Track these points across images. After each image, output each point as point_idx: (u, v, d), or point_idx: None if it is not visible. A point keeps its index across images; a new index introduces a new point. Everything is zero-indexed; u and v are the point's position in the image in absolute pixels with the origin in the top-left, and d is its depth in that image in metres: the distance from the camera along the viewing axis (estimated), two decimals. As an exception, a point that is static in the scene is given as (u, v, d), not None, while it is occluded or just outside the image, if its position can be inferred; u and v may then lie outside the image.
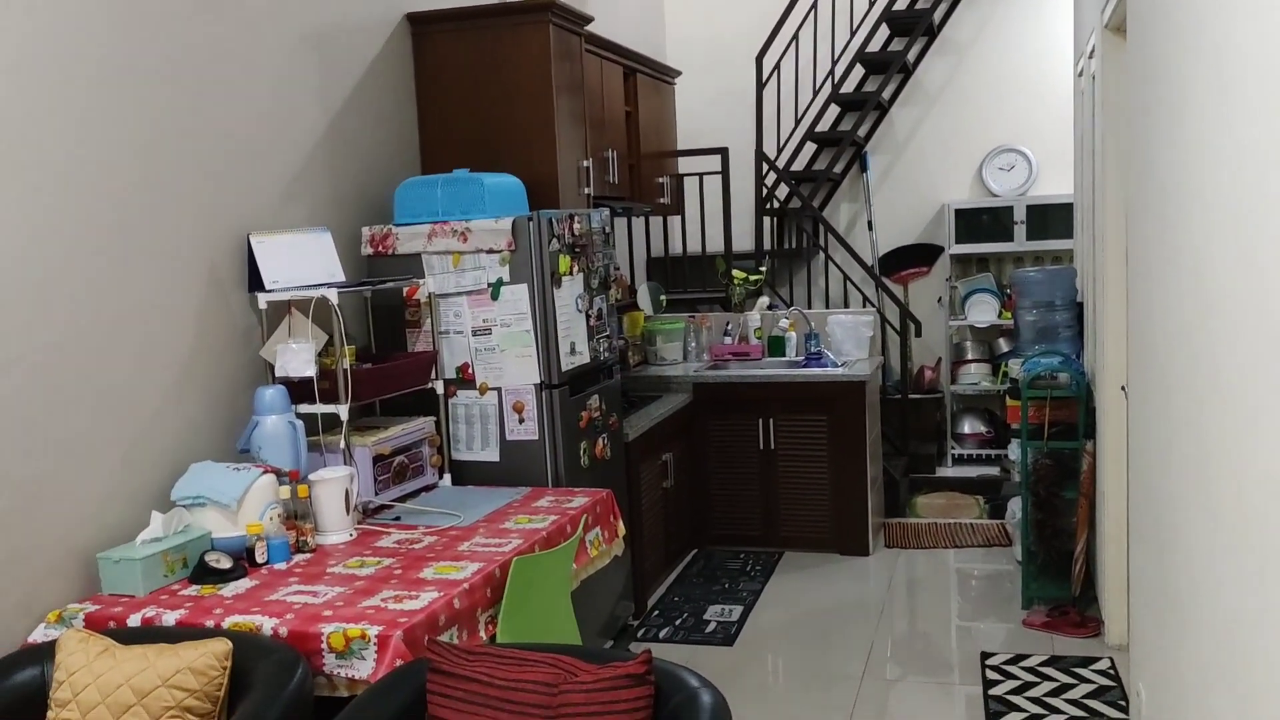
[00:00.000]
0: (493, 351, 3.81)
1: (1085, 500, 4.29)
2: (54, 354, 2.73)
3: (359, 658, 2.42)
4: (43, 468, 2.69)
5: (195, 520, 2.94)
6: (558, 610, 3.04)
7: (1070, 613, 4.31)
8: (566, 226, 3.91)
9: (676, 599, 4.89)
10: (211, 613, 2.58)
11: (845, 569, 5.19)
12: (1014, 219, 6.60)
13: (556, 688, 2.08)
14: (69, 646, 2.34)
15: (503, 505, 3.41)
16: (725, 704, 2.08)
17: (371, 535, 3.17)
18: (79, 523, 2.79)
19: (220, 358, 3.29)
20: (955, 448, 6.77)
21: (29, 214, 2.66)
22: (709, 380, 5.42)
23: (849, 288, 6.56)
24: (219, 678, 2.28)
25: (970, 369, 6.75)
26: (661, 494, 5.01)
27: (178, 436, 3.12)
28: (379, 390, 3.49)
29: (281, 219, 3.56)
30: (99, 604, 2.69)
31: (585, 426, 4.01)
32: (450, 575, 2.76)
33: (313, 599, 2.64)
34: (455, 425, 3.89)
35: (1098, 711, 3.58)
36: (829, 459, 5.32)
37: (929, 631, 4.39)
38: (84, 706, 2.24)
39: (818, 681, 3.98)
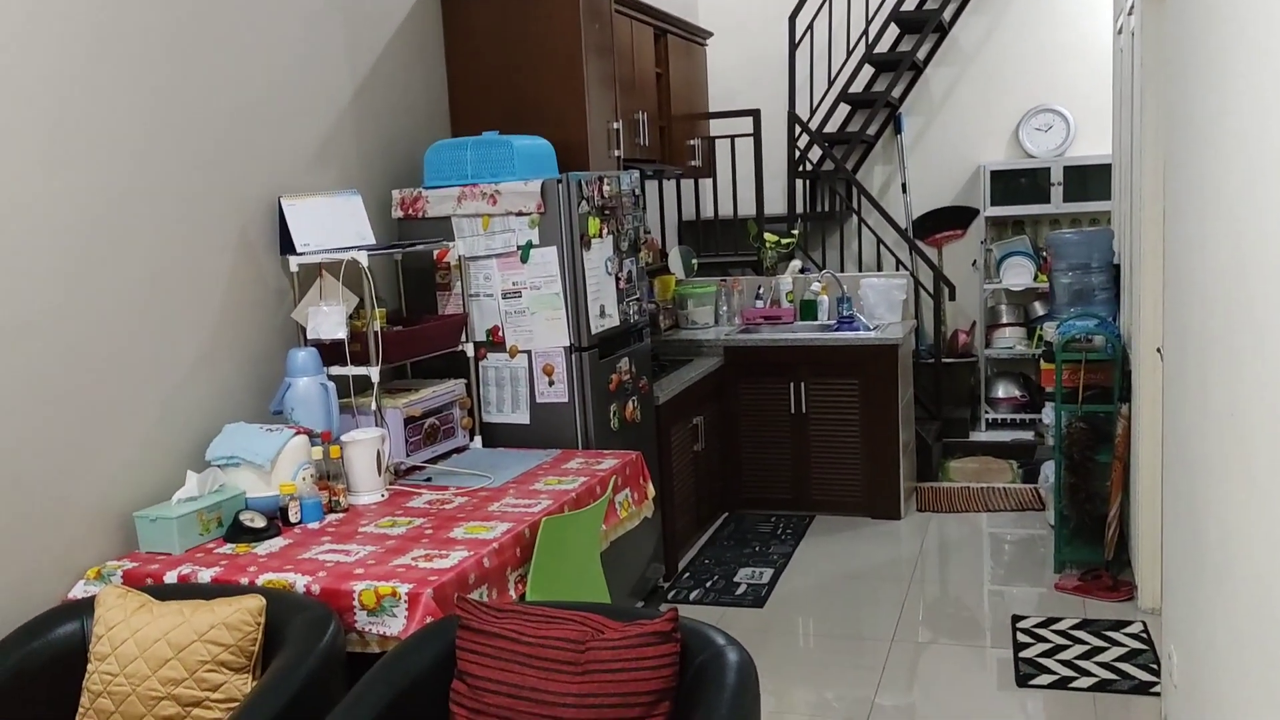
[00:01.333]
0: (522, 314, 3.81)
1: (1119, 464, 4.25)
2: (89, 318, 2.76)
3: (390, 615, 2.45)
4: (79, 429, 2.73)
5: (230, 480, 2.98)
6: (587, 570, 3.06)
7: (1103, 576, 4.29)
8: (596, 188, 3.90)
9: (707, 561, 4.91)
10: (246, 570, 2.63)
11: (876, 532, 5.18)
12: (1051, 180, 6.50)
13: (584, 644, 2.09)
14: (107, 602, 2.39)
15: (533, 467, 3.43)
16: (751, 661, 2.09)
17: (403, 496, 3.20)
18: (116, 483, 2.84)
19: (252, 320, 3.32)
20: (989, 412, 6.71)
21: (62, 181, 2.69)
22: (740, 344, 5.40)
23: (882, 251, 6.50)
24: (253, 633, 2.31)
25: (1005, 333, 6.68)
26: (692, 457, 5.02)
27: (211, 398, 3.16)
28: (409, 352, 3.51)
29: (312, 182, 3.57)
30: (136, 561, 2.74)
31: (615, 389, 4.02)
32: (480, 535, 2.79)
33: (345, 558, 2.67)
34: (486, 388, 3.91)
35: (1129, 674, 3.57)
36: (860, 423, 5.30)
37: (960, 595, 4.38)
38: (122, 660, 2.29)
39: (848, 643, 3.99)
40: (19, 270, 2.58)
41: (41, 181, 2.63)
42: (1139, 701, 3.42)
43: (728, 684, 2.01)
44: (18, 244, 2.57)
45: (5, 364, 2.54)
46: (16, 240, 2.57)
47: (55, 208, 2.67)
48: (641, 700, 2.03)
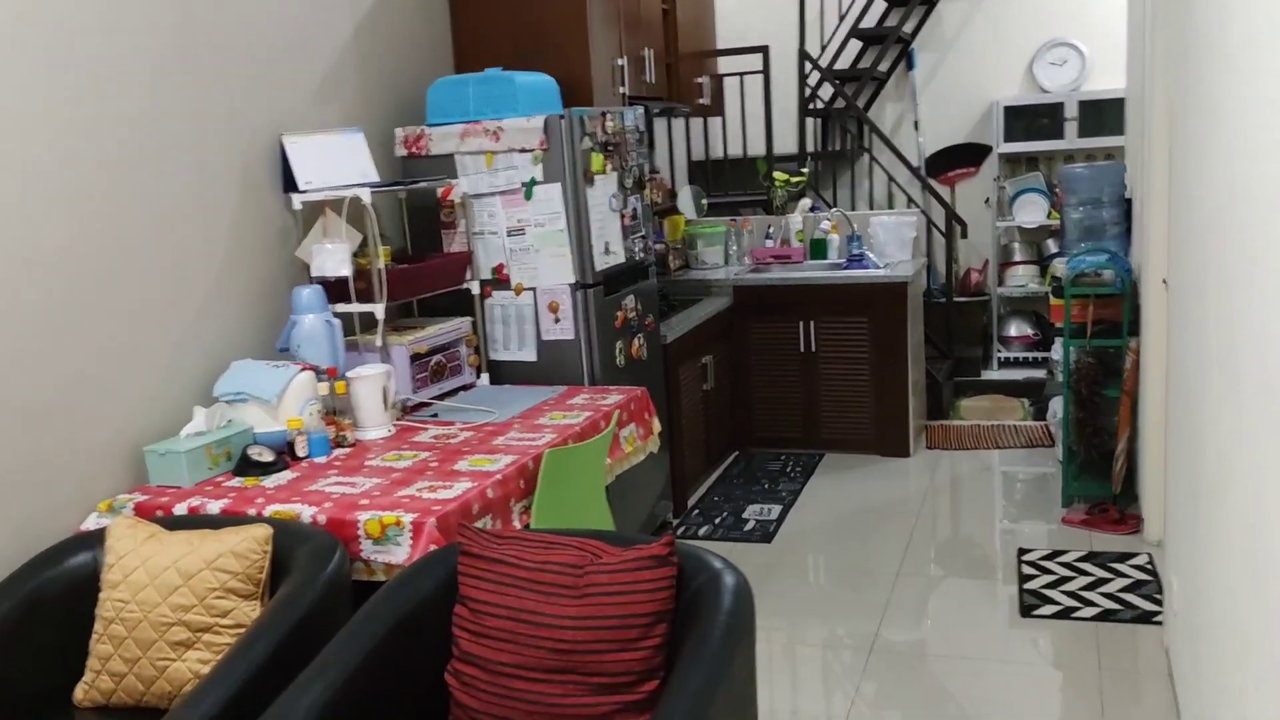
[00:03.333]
0: (527, 252, 3.82)
1: (1127, 398, 4.25)
2: (96, 257, 2.79)
3: (394, 544, 2.50)
4: (89, 366, 2.77)
5: (237, 416, 3.02)
6: (592, 502, 3.09)
7: (1110, 510, 4.30)
8: (599, 124, 3.88)
9: (716, 499, 4.95)
10: (253, 502, 2.67)
11: (886, 470, 5.20)
12: (1065, 116, 6.41)
13: (582, 569, 2.13)
14: (118, 532, 2.43)
15: (538, 403, 3.46)
16: (747, 585, 2.12)
17: (409, 431, 3.24)
18: (126, 418, 2.88)
19: (257, 258, 3.34)
20: (1001, 351, 6.69)
21: (66, 121, 2.70)
22: (750, 283, 5.39)
23: (894, 190, 6.45)
24: (260, 560, 2.36)
25: (1017, 271, 6.64)
26: (702, 396, 5.04)
27: (218, 335, 3.19)
28: (414, 290, 3.52)
29: (314, 120, 3.57)
30: (147, 494, 2.80)
31: (620, 326, 4.03)
32: (484, 467, 2.82)
33: (351, 489, 2.72)
34: (492, 325, 3.93)
35: (1132, 604, 3.59)
36: (870, 361, 5.30)
37: (968, 530, 4.41)
38: (134, 587, 2.34)
39: (855, 578, 4.03)
40: (27, 210, 2.60)
41: (46, 122, 2.64)
42: (1142, 630, 3.45)
43: (724, 606, 2.04)
44: (25, 185, 2.59)
45: (18, 302, 2.57)
46: (24, 181, 2.59)
47: (60, 150, 2.68)
48: (639, 622, 2.06)
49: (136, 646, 2.31)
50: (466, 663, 2.16)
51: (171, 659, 2.30)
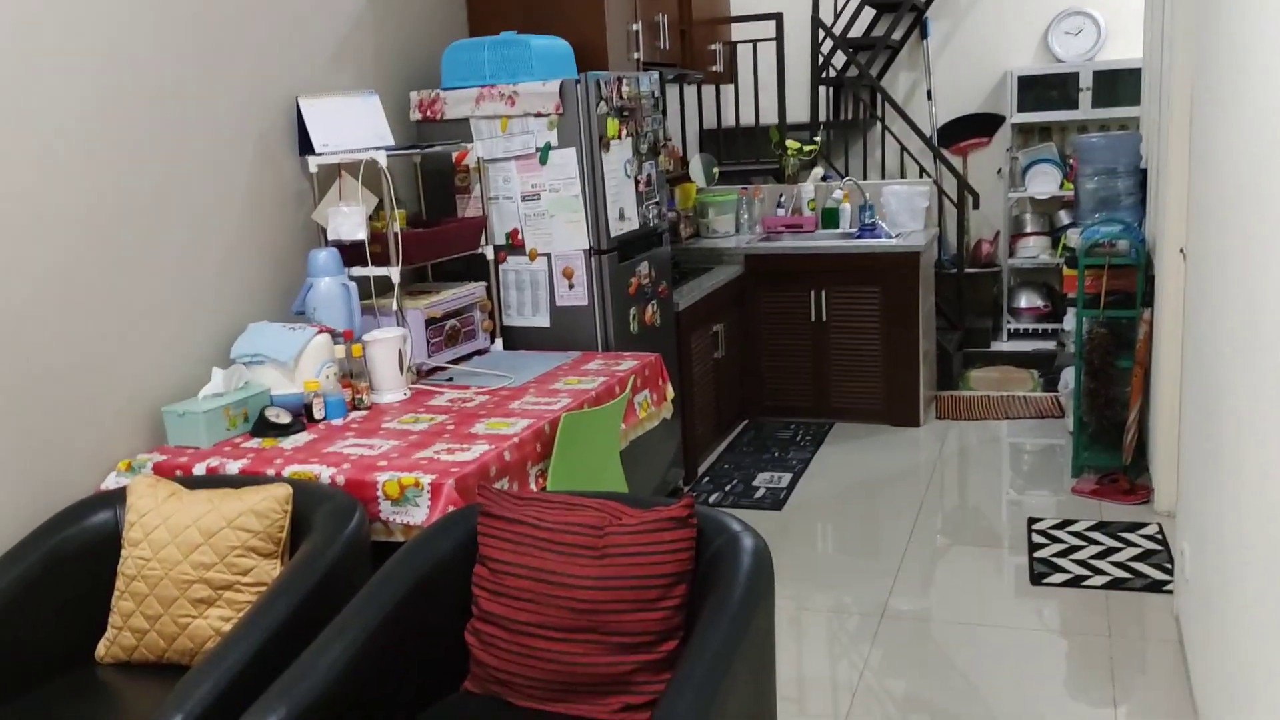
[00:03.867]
0: (542, 217, 3.81)
1: (1140, 369, 4.25)
2: (113, 220, 2.79)
3: (413, 505, 2.51)
4: (108, 327, 2.78)
5: (254, 378, 3.03)
6: (607, 465, 3.11)
7: (1120, 480, 4.31)
8: (615, 89, 3.86)
9: (726, 466, 4.96)
10: (272, 463, 2.68)
11: (895, 439, 5.21)
12: (1080, 86, 6.37)
13: (602, 530, 2.14)
14: (139, 491, 2.45)
15: (552, 368, 3.47)
16: (766, 547, 2.13)
17: (425, 395, 3.25)
18: (144, 379, 2.89)
19: (273, 221, 3.34)
20: (1011, 322, 6.69)
21: (85, 86, 2.69)
22: (761, 252, 5.38)
23: (906, 159, 6.43)
24: (280, 520, 2.38)
25: (1029, 242, 6.63)
26: (712, 364, 5.04)
27: (235, 298, 3.20)
28: (429, 254, 3.52)
29: (329, 82, 3.56)
30: (166, 454, 2.81)
31: (634, 293, 4.03)
32: (501, 431, 2.83)
33: (369, 451, 2.73)
34: (506, 291, 3.93)
35: (1142, 573, 3.61)
36: (881, 331, 5.29)
37: (977, 500, 4.42)
38: (155, 545, 2.36)
39: (864, 546, 4.04)
40: (46, 173, 2.60)
41: (66, 87, 2.64)
42: (1151, 599, 3.47)
43: (743, 567, 2.06)
44: (44, 149, 2.59)
45: (37, 264, 2.58)
46: (43, 145, 2.58)
47: (79, 113, 2.68)
48: (659, 582, 2.08)
49: (158, 603, 2.33)
50: (486, 622, 2.18)
51: (193, 616, 2.32)
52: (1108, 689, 3.00)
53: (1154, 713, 2.88)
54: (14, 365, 2.55)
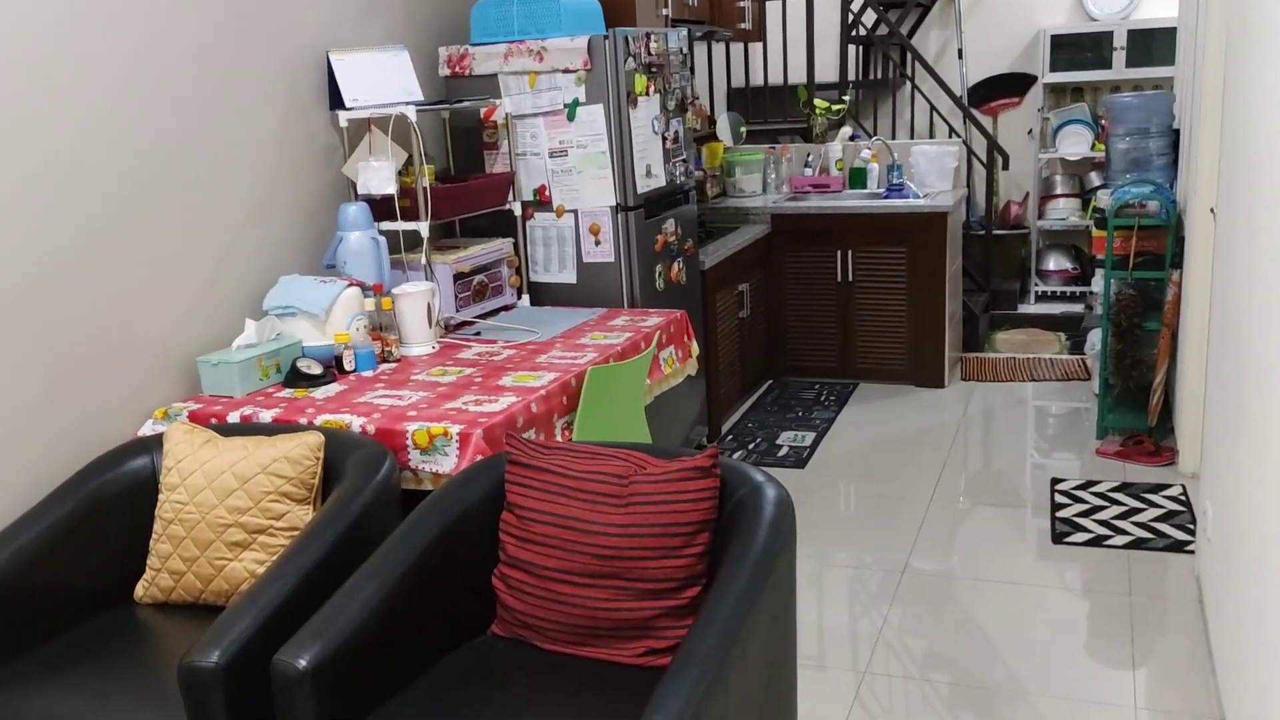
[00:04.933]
0: (569, 173, 3.83)
1: (1168, 330, 4.23)
2: (148, 175, 2.83)
3: (442, 454, 2.56)
4: (143, 278, 2.83)
5: (286, 329, 3.08)
6: (632, 420, 3.14)
7: (1145, 442, 4.31)
8: (643, 45, 3.86)
9: (750, 425, 4.99)
10: (304, 412, 2.74)
11: (919, 400, 5.22)
12: (1114, 45, 6.29)
13: (627, 479, 2.18)
14: (175, 437, 2.51)
15: (579, 323, 3.50)
16: (789, 497, 2.16)
17: (453, 348, 3.29)
18: (179, 329, 2.95)
19: (304, 175, 3.38)
20: (1038, 285, 6.66)
21: (117, 37, 2.72)
22: (788, 211, 5.38)
23: (935, 119, 6.38)
24: (313, 466, 2.43)
25: (1058, 204, 6.58)
26: (738, 323, 5.06)
27: (266, 251, 3.24)
28: (458, 209, 3.55)
29: (359, 37, 3.57)
30: (200, 403, 2.87)
31: (660, 250, 4.05)
32: (528, 383, 2.87)
33: (398, 401, 2.77)
34: (533, 247, 3.96)
35: (1165, 534, 3.62)
36: (907, 291, 5.29)
37: (1000, 461, 4.43)
38: (191, 490, 2.42)
39: (886, 504, 4.07)
40: (81, 125, 2.64)
41: (99, 39, 2.67)
42: (1173, 559, 3.48)
43: (765, 517, 2.09)
44: (77, 101, 2.63)
45: (75, 214, 2.62)
46: (76, 97, 2.62)
47: (112, 66, 2.71)
48: (682, 531, 2.11)
49: (195, 546, 2.39)
50: (513, 567, 2.23)
51: (229, 559, 2.38)
52: (1127, 648, 3.03)
53: (1173, 672, 2.90)
54: (56, 315, 2.60)
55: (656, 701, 1.69)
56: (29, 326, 2.55)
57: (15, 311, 2.52)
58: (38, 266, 2.56)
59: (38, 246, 2.56)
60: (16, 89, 2.49)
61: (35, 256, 2.56)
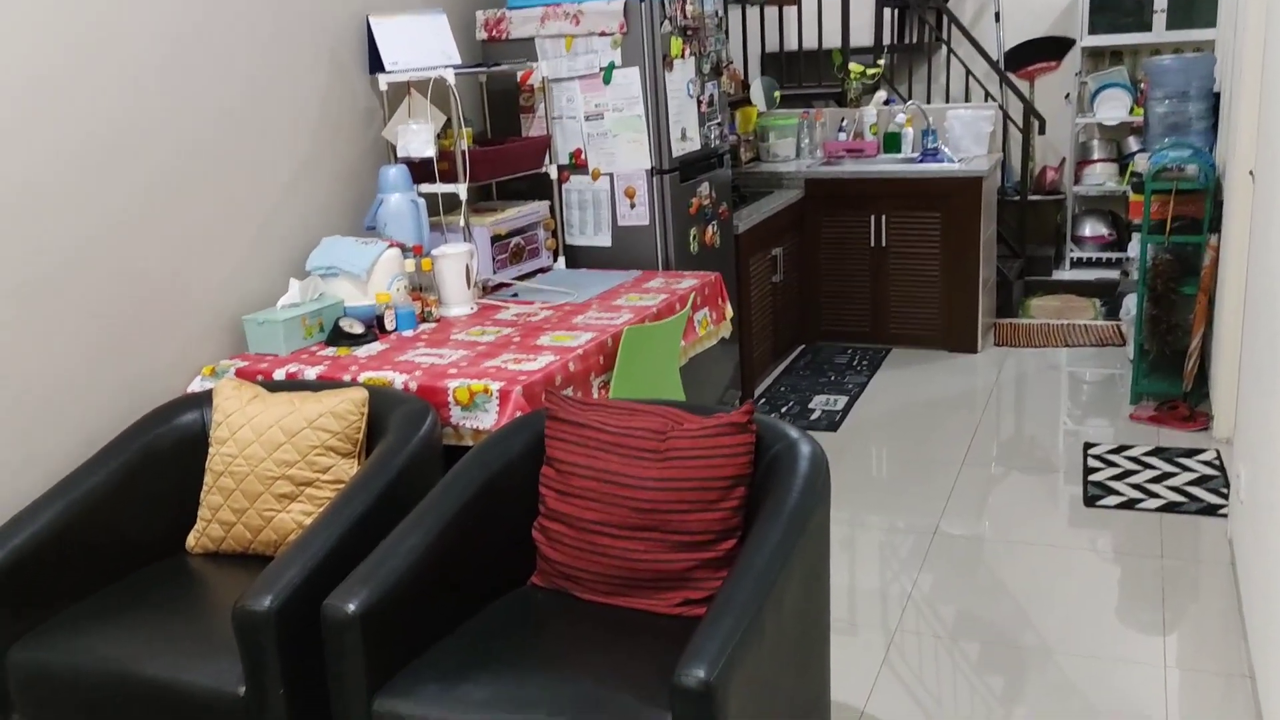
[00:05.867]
0: (605, 137, 3.85)
1: (1204, 295, 4.21)
2: (192, 133, 2.89)
3: (482, 410, 2.61)
4: (191, 239, 2.90)
5: (328, 289, 3.14)
6: (667, 380, 3.19)
7: (1179, 407, 4.31)
8: (679, 8, 3.86)
9: (783, 389, 5.02)
10: (347, 369, 2.80)
11: (952, 365, 5.23)
12: (1154, 7, 6.20)
13: (664, 434, 2.22)
14: (224, 393, 2.58)
15: (614, 285, 3.54)
16: (823, 453, 2.20)
17: (491, 309, 3.34)
18: (225, 288, 3.02)
19: (345, 137, 3.42)
20: (1074, 251, 6.61)
21: (167, 7, 2.78)
22: (821, 176, 5.38)
23: (971, 83, 6.33)
24: (358, 421, 2.49)
25: (1095, 169, 6.52)
26: (771, 288, 5.08)
27: (308, 212, 3.30)
28: (495, 171, 3.59)
29: (399, 1, 3.60)
30: (246, 360, 2.94)
31: (695, 213, 4.07)
32: (565, 343, 2.92)
33: (439, 360, 2.83)
34: (569, 210, 4.00)
35: (1198, 497, 3.63)
36: (941, 257, 5.28)
37: (1033, 426, 4.44)
38: (240, 444, 2.49)
39: (918, 468, 4.10)
40: (135, 93, 2.69)
41: (146, 7, 2.73)
42: (1206, 522, 3.50)
43: (800, 471, 2.13)
44: (127, 63, 2.68)
45: (126, 173, 2.69)
46: (125, 60, 2.68)
47: (160, 29, 2.76)
48: (718, 485, 2.16)
49: (244, 498, 2.47)
50: (553, 520, 2.28)
51: (277, 510, 2.46)
52: (1158, 610, 3.05)
53: (1204, 633, 2.93)
54: (109, 274, 2.68)
55: (693, 648, 1.75)
56: (85, 286, 2.62)
57: (72, 270, 2.59)
58: (92, 228, 2.63)
59: (92, 208, 2.63)
60: (73, 59, 2.55)
61: (90, 218, 2.62)
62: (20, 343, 2.50)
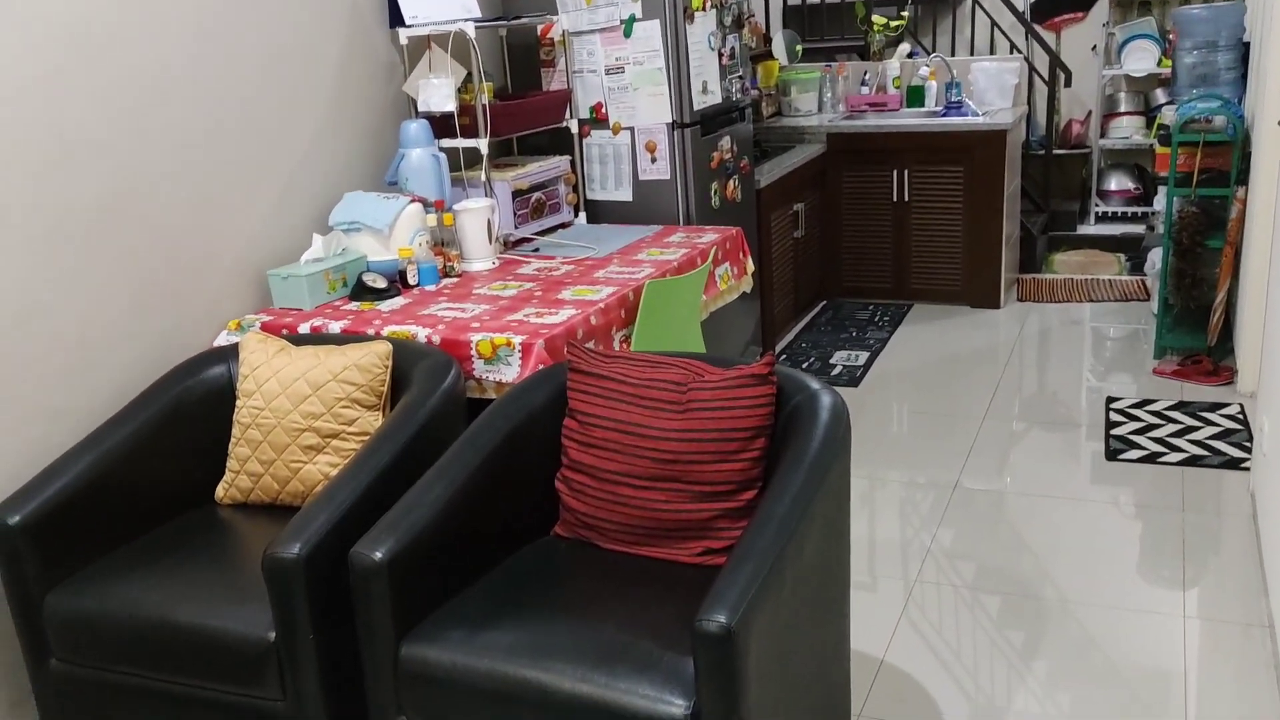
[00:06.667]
0: (625, 90, 3.84)
1: (1231, 249, 4.17)
2: (214, 87, 2.90)
3: (505, 363, 2.63)
4: (216, 195, 2.92)
5: (352, 244, 3.16)
6: (688, 334, 3.20)
7: (1203, 362, 4.28)
8: (700, -40, 3.83)
9: (804, 345, 5.02)
10: (371, 323, 2.82)
11: (974, 320, 5.21)
12: (1184, -44, 6.09)
13: (685, 386, 2.24)
14: (250, 346, 2.61)
15: (635, 240, 3.54)
16: (844, 404, 2.21)
17: (512, 264, 3.35)
18: (249, 243, 3.04)
19: (365, 92, 3.43)
20: (1099, 205, 6.55)
21: (183, -56, 2.78)
22: (844, 130, 5.33)
23: (996, 35, 6.24)
24: (382, 374, 2.52)
25: (1122, 122, 6.44)
26: (792, 244, 5.06)
27: (330, 168, 3.31)
28: (516, 126, 3.58)
29: (417, -45, 3.59)
30: (271, 315, 2.97)
31: (716, 167, 4.06)
32: (587, 297, 2.93)
33: (461, 314, 2.85)
34: (589, 165, 3.99)
35: (1220, 451, 3.62)
36: (964, 211, 5.24)
37: (1055, 381, 4.43)
38: (267, 396, 2.52)
39: (939, 422, 4.10)
40: (160, 48, 2.70)
41: (164, -52, 2.73)
42: (1228, 476, 3.49)
43: (821, 422, 2.14)
44: (149, 17, 2.69)
45: (151, 125, 2.71)
46: (147, 14, 2.68)
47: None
48: (739, 436, 2.18)
49: (271, 450, 2.50)
50: (575, 470, 2.31)
51: (303, 461, 2.49)
52: (1179, 561, 3.06)
53: (1224, 584, 2.94)
54: (138, 231, 2.70)
55: (715, 593, 1.77)
56: (114, 241, 2.65)
57: (101, 224, 2.61)
58: (120, 182, 2.65)
59: (120, 162, 2.65)
60: (103, 16, 2.56)
61: (117, 173, 2.65)
62: (50, 295, 2.53)
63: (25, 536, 2.25)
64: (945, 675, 2.65)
